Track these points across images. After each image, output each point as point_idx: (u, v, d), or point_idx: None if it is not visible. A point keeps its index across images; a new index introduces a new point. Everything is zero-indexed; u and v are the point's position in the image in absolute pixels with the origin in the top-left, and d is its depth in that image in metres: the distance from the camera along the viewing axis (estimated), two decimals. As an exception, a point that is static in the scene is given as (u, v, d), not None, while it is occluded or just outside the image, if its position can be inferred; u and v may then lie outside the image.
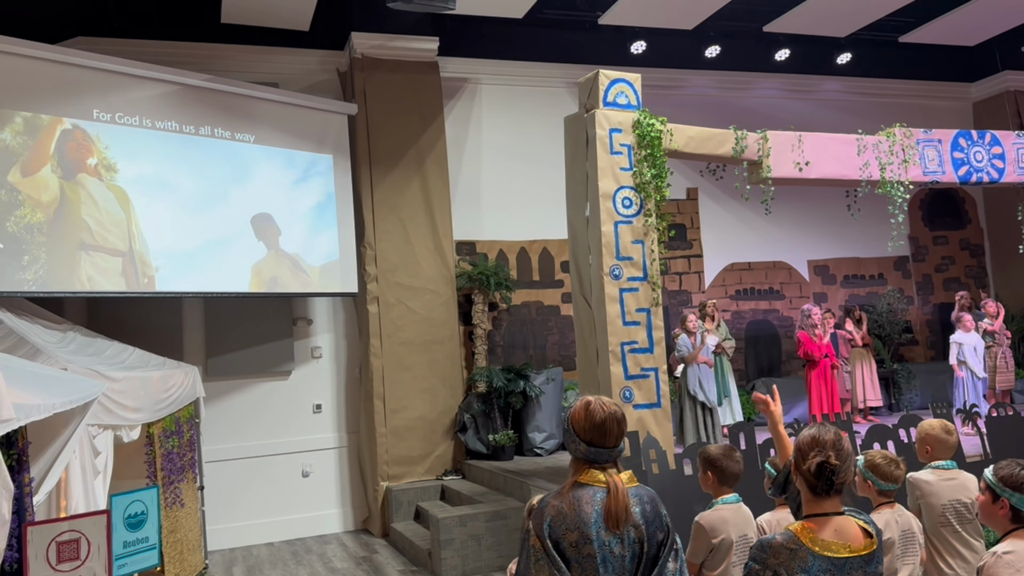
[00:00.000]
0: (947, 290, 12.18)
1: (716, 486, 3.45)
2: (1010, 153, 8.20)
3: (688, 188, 11.19)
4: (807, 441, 2.18)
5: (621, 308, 6.57)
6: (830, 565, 2.05)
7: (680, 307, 10.74)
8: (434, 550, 6.99)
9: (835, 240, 11.69)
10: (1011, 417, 6.97)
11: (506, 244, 10.09)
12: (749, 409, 10.23)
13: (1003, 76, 12.12)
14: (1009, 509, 2.53)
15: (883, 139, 7.79)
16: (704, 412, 8.22)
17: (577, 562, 2.28)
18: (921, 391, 10.97)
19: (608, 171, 6.62)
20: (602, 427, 2.36)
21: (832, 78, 11.71)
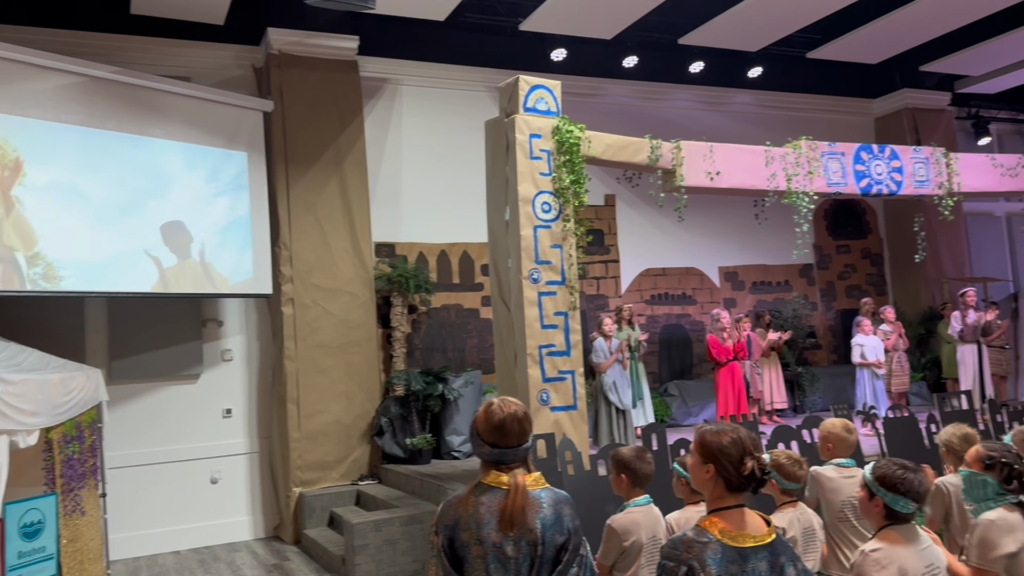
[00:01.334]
0: (849, 297, 12.77)
1: (628, 488, 3.52)
2: (908, 167, 8.68)
3: (606, 195, 11.40)
4: (730, 442, 2.24)
5: (539, 311, 6.65)
6: (737, 555, 2.14)
7: (597, 311, 10.92)
8: (348, 556, 6.92)
9: (744, 247, 12.11)
10: (907, 419, 7.36)
11: (426, 246, 10.06)
12: (662, 411, 10.50)
13: (903, 93, 12.80)
14: (883, 507, 2.65)
15: (790, 151, 8.13)
16: (618, 414, 8.39)
17: (469, 562, 2.31)
18: (824, 393, 11.47)
19: (528, 176, 6.69)
20: (502, 427, 2.39)
21: (743, 91, 12.14)
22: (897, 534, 2.62)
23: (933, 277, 12.55)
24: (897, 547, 2.58)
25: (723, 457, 2.22)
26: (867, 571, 2.53)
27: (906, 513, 2.64)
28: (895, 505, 2.63)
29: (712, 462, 2.24)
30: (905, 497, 2.63)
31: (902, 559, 2.54)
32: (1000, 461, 2.98)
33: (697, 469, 2.29)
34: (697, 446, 2.30)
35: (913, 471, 2.67)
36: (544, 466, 5.96)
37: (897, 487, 2.64)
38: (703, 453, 2.27)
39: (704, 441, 2.27)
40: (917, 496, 2.64)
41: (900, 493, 2.63)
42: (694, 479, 2.33)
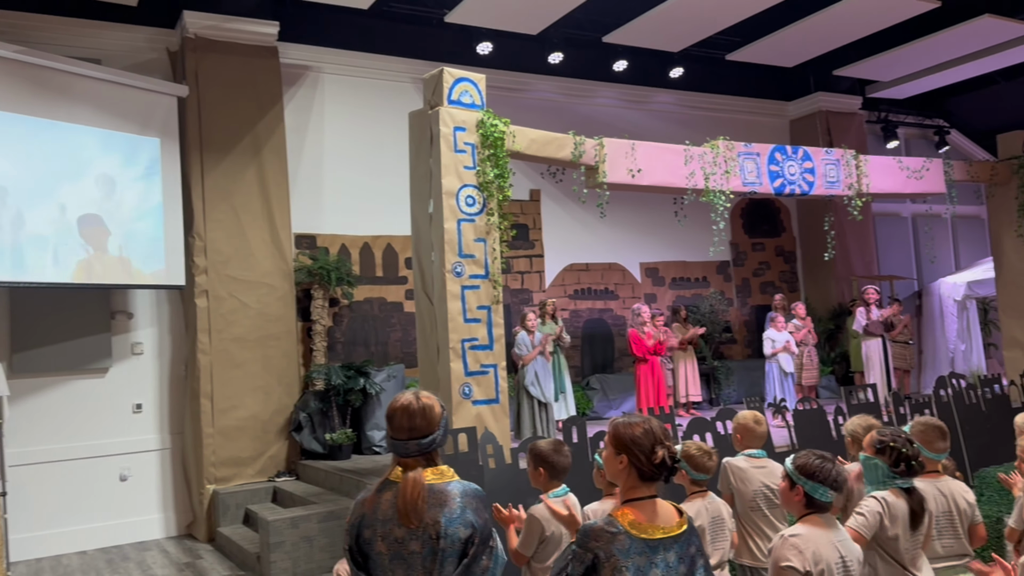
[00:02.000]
0: (763, 293, 13.19)
1: (546, 481, 3.55)
2: (819, 168, 9.00)
3: (531, 189, 11.46)
4: (642, 433, 2.28)
5: (462, 305, 6.63)
6: (645, 547, 2.18)
7: (521, 305, 10.99)
8: (263, 553, 6.78)
9: (665, 244, 12.37)
10: (815, 411, 7.64)
11: (349, 239, 9.93)
12: (584, 404, 10.64)
13: (816, 97, 13.27)
14: (803, 495, 2.75)
15: (708, 151, 8.33)
16: (540, 407, 8.47)
17: (372, 559, 2.31)
18: (738, 386, 11.83)
19: (452, 169, 6.67)
20: (392, 419, 2.41)
21: (665, 91, 12.38)
22: (818, 522, 2.72)
23: (842, 275, 13.08)
24: (816, 534, 2.67)
25: (635, 447, 2.27)
26: (784, 555, 2.61)
27: (825, 502, 2.74)
28: (815, 494, 2.73)
29: (625, 452, 2.29)
30: (824, 485, 2.73)
31: (819, 546, 2.64)
32: (889, 445, 3.13)
33: (611, 460, 2.33)
34: (611, 438, 2.34)
35: (831, 461, 2.78)
36: (465, 460, 5.96)
37: (817, 476, 2.74)
38: (616, 444, 2.31)
39: (617, 433, 2.32)
40: (835, 485, 2.75)
41: (819, 482, 2.73)
42: (608, 470, 2.37)
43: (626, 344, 10.30)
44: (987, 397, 8.61)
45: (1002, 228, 10.34)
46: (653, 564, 2.17)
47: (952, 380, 8.56)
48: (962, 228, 15.32)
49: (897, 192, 9.76)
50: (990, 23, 10.62)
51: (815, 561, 2.60)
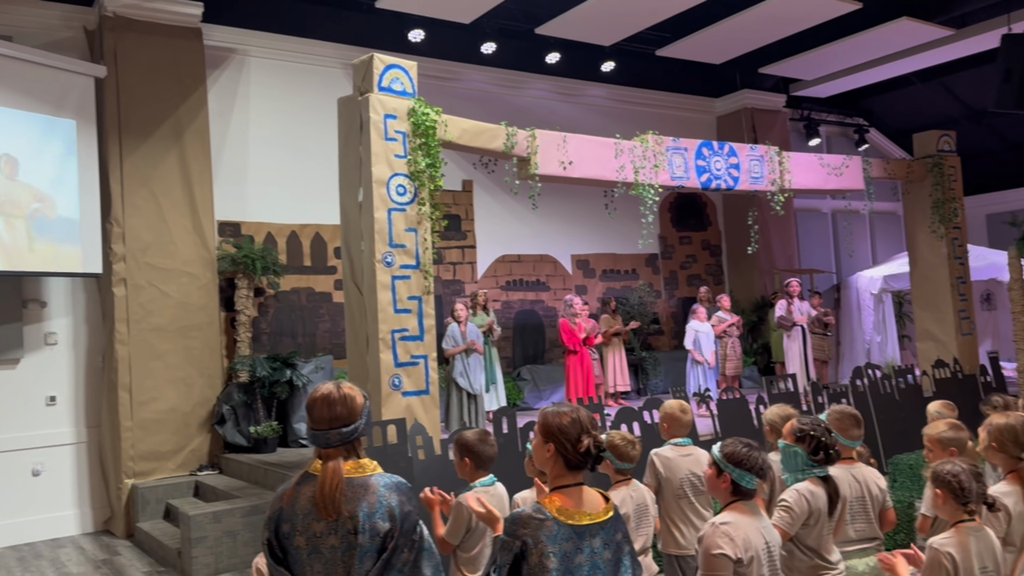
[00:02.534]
0: (690, 285, 13.46)
1: (472, 471, 3.55)
2: (744, 164, 9.21)
3: (464, 180, 11.42)
4: (569, 422, 2.30)
5: (393, 296, 6.56)
6: (572, 533, 2.20)
7: (453, 296, 10.96)
8: (184, 549, 6.61)
9: (595, 236, 12.50)
10: (737, 400, 7.85)
11: (275, 227, 9.72)
12: (514, 395, 10.68)
13: (742, 94, 13.57)
14: (730, 483, 2.81)
15: (638, 144, 8.42)
16: (469, 399, 8.46)
17: (290, 553, 2.28)
18: (665, 377, 12.06)
19: (382, 157, 6.58)
20: (312, 409, 2.39)
21: (597, 84, 12.48)
22: (744, 509, 2.78)
23: (765, 268, 13.45)
24: (744, 521, 2.73)
25: (562, 436, 2.30)
26: (716, 542, 2.66)
27: (750, 489, 2.80)
28: (741, 481, 2.79)
29: (552, 441, 2.32)
30: (750, 473, 2.79)
31: (748, 533, 2.70)
32: (809, 434, 3.23)
33: (539, 448, 2.36)
34: (540, 426, 2.37)
35: (757, 449, 2.85)
36: (394, 452, 5.92)
37: (744, 464, 2.80)
38: (544, 433, 2.34)
39: (546, 421, 2.35)
40: (760, 472, 2.82)
41: (746, 469, 2.79)
42: (536, 458, 2.39)
43: (557, 335, 10.37)
44: (901, 387, 8.99)
45: (917, 224, 10.76)
46: (579, 550, 2.20)
47: (868, 370, 8.91)
48: (879, 224, 15.93)
49: (818, 188, 10.06)
50: (908, 26, 11.03)
51: (745, 548, 2.66)
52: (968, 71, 13.20)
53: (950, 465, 2.99)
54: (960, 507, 2.92)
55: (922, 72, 13.54)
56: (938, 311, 10.54)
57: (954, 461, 3.03)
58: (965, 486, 2.91)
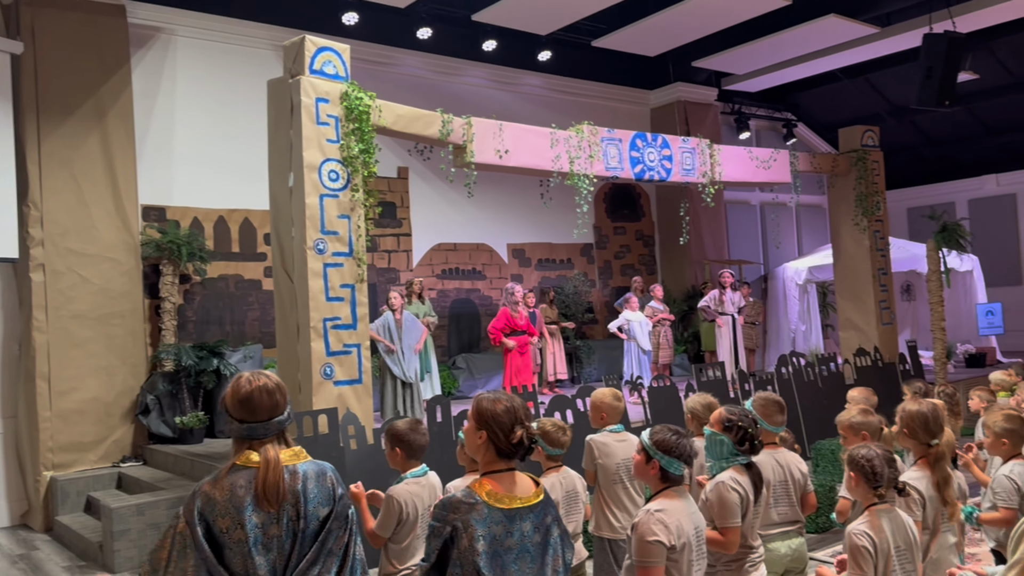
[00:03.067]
0: (624, 275, 13.63)
1: (404, 460, 3.51)
2: (677, 156, 9.34)
3: (399, 167, 11.30)
4: (504, 411, 2.30)
5: (325, 283, 6.45)
6: (503, 516, 2.21)
7: (388, 285, 10.85)
8: (106, 542, 6.41)
9: (531, 226, 12.53)
10: (668, 388, 7.99)
11: (202, 212, 9.45)
12: (450, 384, 10.66)
13: (676, 87, 13.76)
14: (659, 469, 2.85)
15: (573, 134, 8.46)
16: (404, 387, 8.40)
17: (229, 548, 2.22)
18: (599, 365, 12.20)
19: (314, 142, 6.44)
20: (249, 401, 2.32)
21: (533, 73, 12.48)
22: (675, 495, 2.82)
23: (696, 258, 13.71)
24: (676, 507, 2.78)
25: (495, 424, 2.30)
26: (651, 529, 2.69)
27: (678, 475, 2.85)
28: (670, 468, 2.84)
29: (485, 429, 2.32)
30: (679, 460, 2.84)
31: (680, 518, 2.75)
32: (737, 424, 3.30)
33: (471, 435, 2.36)
34: (473, 413, 2.36)
35: (684, 436, 2.89)
36: (326, 441, 5.85)
37: (672, 451, 2.84)
38: (478, 420, 2.34)
39: (480, 409, 2.34)
40: (687, 459, 2.87)
41: (674, 456, 2.84)
42: (468, 444, 2.39)
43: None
44: (823, 374, 9.28)
45: (841, 217, 11.09)
46: (509, 533, 2.20)
47: (793, 359, 9.17)
48: (805, 216, 16.40)
49: (747, 181, 10.28)
50: (835, 23, 11.34)
51: (678, 534, 2.71)
52: (892, 68, 13.65)
53: (865, 450, 3.09)
54: (872, 491, 3.02)
55: (848, 68, 13.94)
56: (860, 301, 10.89)
57: (869, 446, 3.13)
58: (878, 470, 3.01)
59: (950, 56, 10.02)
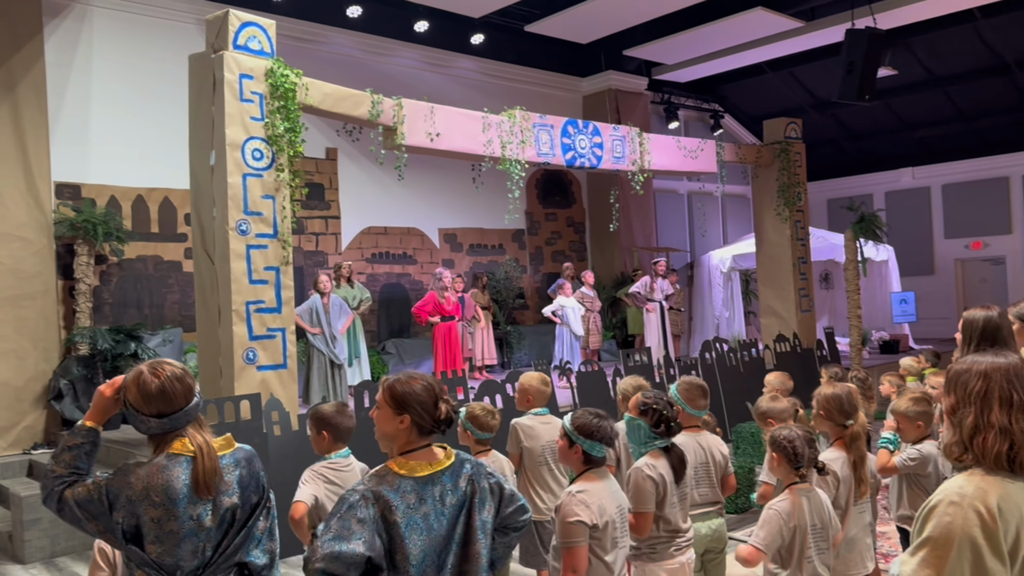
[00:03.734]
0: (555, 261, 13.69)
1: (330, 444, 3.46)
2: (607, 143, 9.41)
3: (328, 148, 11.09)
4: (423, 389, 2.25)
5: (248, 265, 6.29)
6: (415, 484, 2.17)
7: (316, 268, 10.65)
8: (16, 532, 6.14)
9: (463, 210, 12.46)
10: (596, 373, 8.07)
11: (120, 190, 9.09)
12: (379, 369, 10.54)
13: (607, 75, 13.84)
14: (581, 453, 2.89)
15: (505, 119, 8.42)
16: (332, 371, 8.27)
17: (158, 538, 2.17)
18: (529, 350, 12.25)
19: (237, 119, 6.24)
20: (163, 394, 2.25)
21: (466, 56, 12.38)
22: (596, 477, 2.88)
23: (625, 245, 13.87)
24: (597, 488, 2.84)
25: (419, 405, 2.23)
26: (573, 510, 2.75)
27: (600, 457, 2.88)
28: (592, 451, 2.88)
29: (408, 412, 2.23)
30: (600, 443, 2.88)
31: (602, 499, 2.82)
32: (652, 407, 3.34)
33: (389, 420, 2.25)
34: (388, 398, 2.25)
35: (605, 419, 2.92)
36: (248, 428, 5.72)
37: (593, 434, 2.88)
38: (396, 404, 2.24)
39: (396, 393, 2.25)
40: (608, 441, 2.92)
41: (596, 440, 2.88)
42: (384, 432, 2.28)
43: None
44: (745, 360, 9.52)
45: (764, 207, 11.37)
46: (422, 500, 2.16)
47: (716, 344, 9.37)
48: (730, 206, 16.76)
49: (675, 170, 10.43)
50: (762, 15, 11.57)
51: (600, 514, 2.78)
52: (816, 63, 14.03)
53: (787, 431, 3.17)
54: (793, 470, 3.11)
55: (774, 62, 14.27)
56: (781, 289, 11.20)
57: (791, 427, 3.22)
58: (799, 451, 3.10)
59: (871, 52, 10.33)
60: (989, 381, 1.80)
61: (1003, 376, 1.80)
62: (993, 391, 1.79)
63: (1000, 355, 1.86)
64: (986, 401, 1.79)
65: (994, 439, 1.75)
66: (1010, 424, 1.75)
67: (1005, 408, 1.77)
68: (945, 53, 13.58)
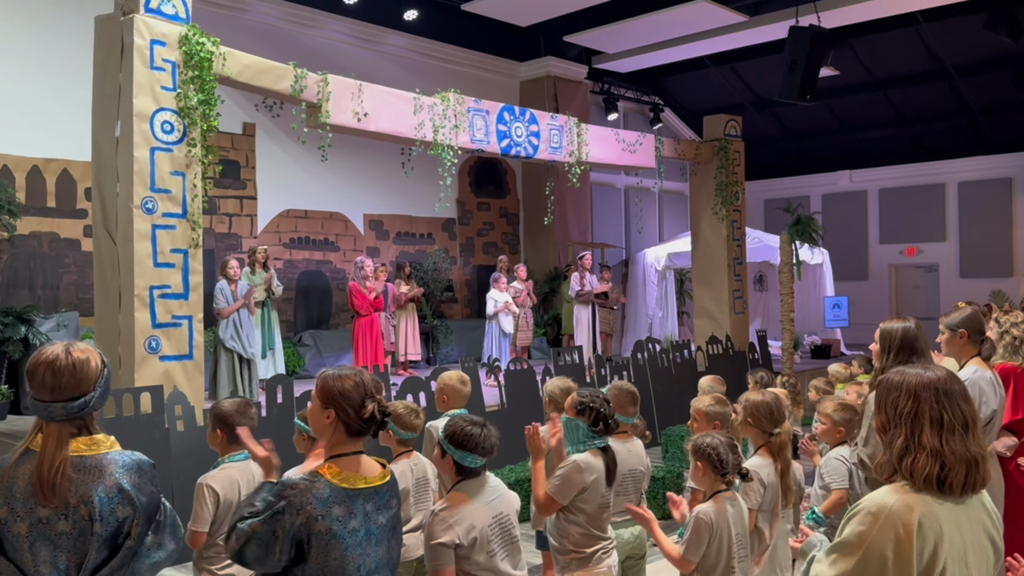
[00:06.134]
0: (486, 253, 13.68)
1: (224, 444, 3.36)
2: (544, 132, 9.43)
3: (245, 123, 10.84)
4: (352, 386, 2.24)
5: (153, 247, 6.10)
6: (345, 496, 2.15)
7: (228, 252, 10.40)
8: None
9: (390, 196, 12.34)
10: (525, 371, 8.09)
11: (13, 160, 8.71)
12: (294, 362, 10.35)
13: (546, 61, 13.89)
14: (452, 463, 2.84)
15: (438, 102, 8.35)
16: (242, 364, 8.07)
17: (8, 542, 2.08)
18: (457, 346, 12.21)
19: (146, 88, 6.03)
20: (33, 375, 2.17)
21: (399, 33, 12.24)
22: (465, 492, 2.81)
23: (560, 239, 13.97)
24: (463, 505, 2.76)
25: (344, 401, 2.25)
26: (434, 531, 2.70)
27: (473, 467, 2.84)
28: (464, 461, 2.83)
29: (333, 407, 2.25)
30: (473, 453, 2.82)
31: (471, 515, 2.74)
32: (589, 406, 3.38)
33: (317, 415, 2.28)
34: (319, 391, 2.29)
35: (482, 426, 2.87)
36: (149, 423, 5.57)
37: (466, 444, 2.82)
38: (324, 398, 2.27)
39: (326, 386, 2.27)
40: (484, 451, 2.85)
41: (468, 450, 2.82)
42: (313, 425, 2.32)
43: (345, 299, 10.13)
44: (677, 361, 9.69)
45: (701, 205, 11.59)
46: (352, 514, 2.16)
47: (648, 344, 9.51)
48: (667, 203, 17.04)
49: (613, 163, 10.53)
50: (705, 8, 11.76)
51: (467, 532, 2.71)
52: (758, 59, 14.35)
53: (709, 438, 3.22)
54: (719, 478, 3.17)
55: (716, 56, 14.54)
56: (715, 290, 11.44)
57: (713, 434, 3.27)
58: (723, 458, 3.16)
59: (813, 51, 10.62)
60: (919, 401, 1.85)
61: (933, 395, 1.85)
62: (924, 412, 1.84)
63: (928, 369, 1.92)
64: (916, 422, 1.84)
65: (925, 460, 1.80)
66: (941, 445, 1.81)
67: (935, 429, 1.82)
68: (887, 56, 14.06)
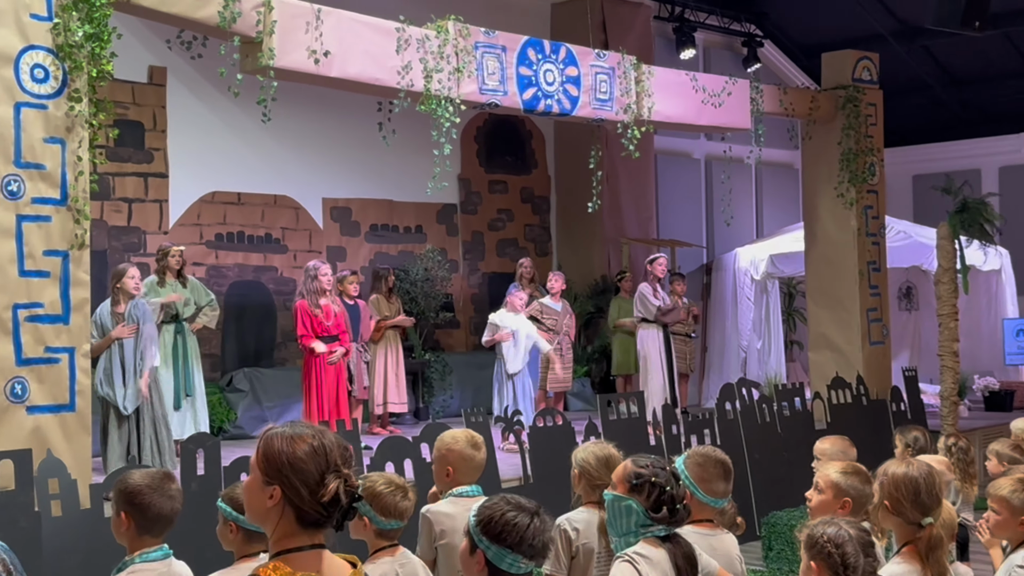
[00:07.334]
0: (501, 255, 13.68)
1: (133, 536, 3.41)
2: (587, 79, 9.42)
3: (151, 67, 10.98)
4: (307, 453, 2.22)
5: (18, 248, 6.26)
6: None
7: (127, 253, 10.49)
8: None
9: (362, 173, 12.41)
10: (560, 427, 8.06)
11: None
12: (222, 415, 10.39)
13: (590, -26, 13.91)
14: (484, 564, 2.72)
15: (432, 34, 8.39)
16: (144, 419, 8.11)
17: None
18: (459, 391, 12.19)
19: (10, 17, 6.19)
20: None
21: (376, -65, 12.32)
22: None
23: (611, 236, 13.91)
24: None
25: (295, 474, 2.21)
26: None
27: (514, 574, 2.79)
28: (500, 563, 2.76)
29: (278, 482, 2.21)
30: (516, 552, 2.77)
31: None
32: (650, 481, 3.32)
33: (256, 492, 2.24)
34: (259, 459, 2.25)
35: (532, 514, 2.80)
36: (11, 503, 5.65)
37: (504, 537, 2.76)
38: (267, 468, 2.23)
39: (271, 451, 2.24)
40: (531, 551, 2.76)
41: (507, 546, 2.76)
42: (250, 508, 2.30)
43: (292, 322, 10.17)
44: (784, 414, 9.62)
45: (819, 185, 11.53)
46: None
47: (742, 389, 9.45)
48: (769, 181, 16.96)
49: (688, 123, 10.56)
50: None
51: None
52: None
53: (832, 528, 3.15)
54: (840, 589, 3.10)
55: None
56: (841, 309, 11.37)
57: (838, 523, 3.20)
58: (850, 561, 3.08)
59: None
60: None
61: None
62: None
63: None
64: None
65: None
66: None
67: None
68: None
